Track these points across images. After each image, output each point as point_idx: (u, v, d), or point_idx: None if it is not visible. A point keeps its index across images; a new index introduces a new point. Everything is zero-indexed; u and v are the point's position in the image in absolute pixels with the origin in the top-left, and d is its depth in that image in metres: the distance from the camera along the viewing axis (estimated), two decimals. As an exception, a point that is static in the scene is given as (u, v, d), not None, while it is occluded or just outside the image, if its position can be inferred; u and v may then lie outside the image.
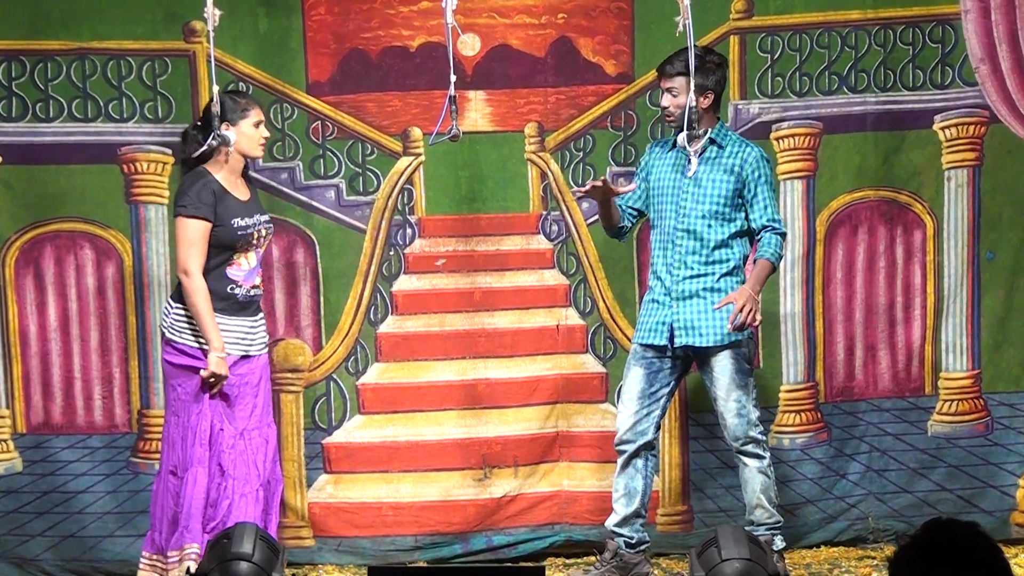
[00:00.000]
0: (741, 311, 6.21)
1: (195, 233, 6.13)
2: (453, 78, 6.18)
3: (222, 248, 6.17)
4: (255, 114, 6.23)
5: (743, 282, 6.40)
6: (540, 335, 7.13)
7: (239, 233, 6.18)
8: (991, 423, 7.28)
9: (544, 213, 7.12)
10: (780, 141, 7.12)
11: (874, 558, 6.95)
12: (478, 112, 7.04)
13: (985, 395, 7.28)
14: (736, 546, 4.58)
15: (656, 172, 6.48)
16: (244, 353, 6.25)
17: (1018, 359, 7.28)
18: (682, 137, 6.27)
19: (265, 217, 6.32)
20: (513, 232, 7.11)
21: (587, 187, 6.36)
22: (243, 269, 6.22)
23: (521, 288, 7.13)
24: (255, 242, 6.25)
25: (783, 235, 6.39)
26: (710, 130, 6.38)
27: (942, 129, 7.17)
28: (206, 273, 6.15)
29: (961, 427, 7.27)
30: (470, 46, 7.03)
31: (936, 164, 7.19)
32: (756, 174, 6.36)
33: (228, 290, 6.19)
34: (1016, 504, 7.23)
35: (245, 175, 6.34)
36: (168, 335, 6.20)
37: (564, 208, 7.11)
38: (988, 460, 7.25)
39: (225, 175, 6.23)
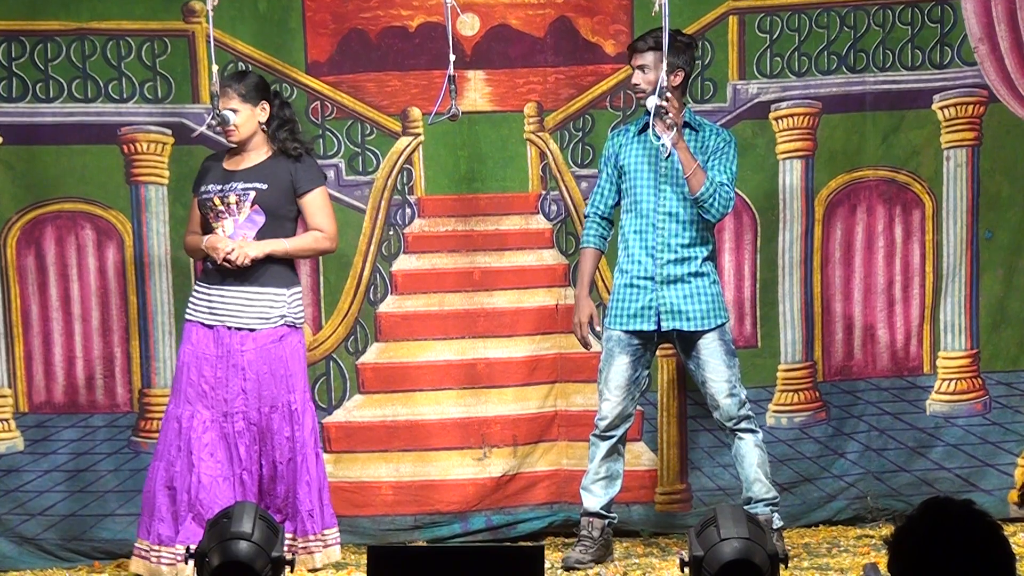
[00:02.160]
0: (669, 115, 6.14)
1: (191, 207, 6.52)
2: (452, 58, 6.19)
3: (202, 216, 6.41)
4: None
5: (715, 268, 6.48)
6: (539, 315, 7.14)
7: (200, 199, 6.40)
8: (989, 402, 7.30)
9: (543, 193, 7.13)
10: (779, 121, 7.12)
11: (872, 537, 6.96)
12: (477, 92, 7.04)
13: (983, 374, 7.29)
14: (735, 525, 4.58)
15: (628, 157, 6.49)
16: (219, 323, 6.32)
17: (1016, 338, 7.30)
18: (651, 100, 6.19)
19: (244, 184, 6.35)
20: (512, 212, 7.12)
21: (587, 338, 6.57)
22: (218, 236, 6.35)
23: (520, 268, 7.14)
24: (221, 207, 6.31)
25: (730, 199, 6.36)
26: (684, 114, 6.39)
27: (941, 109, 7.17)
28: None
29: (959, 406, 7.29)
30: (469, 26, 7.03)
31: (935, 144, 7.20)
32: (722, 150, 6.39)
33: (206, 257, 6.41)
34: (1014, 483, 7.24)
35: (285, 146, 6.40)
36: None
37: (563, 188, 7.11)
38: (986, 439, 7.27)
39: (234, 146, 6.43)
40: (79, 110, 6.87)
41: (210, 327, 6.31)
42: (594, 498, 6.55)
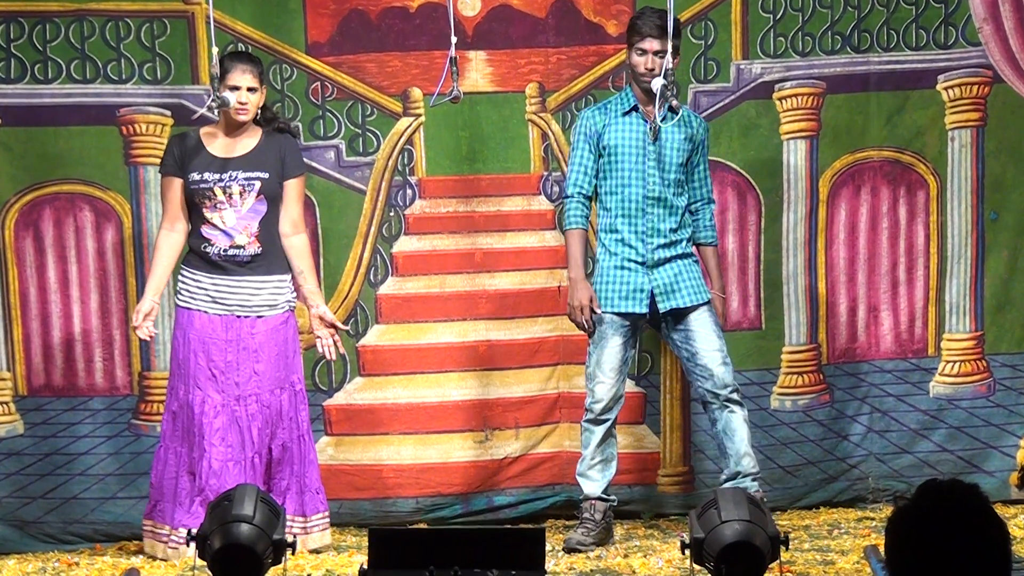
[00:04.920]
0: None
1: (162, 188, 6.46)
2: (454, 39, 6.16)
3: (190, 204, 6.36)
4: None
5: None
6: (541, 296, 7.12)
7: (191, 187, 6.32)
8: (993, 384, 7.28)
9: (545, 174, 7.11)
10: (783, 101, 7.10)
11: (873, 519, 6.95)
12: (479, 73, 7.02)
13: (988, 356, 7.28)
14: (736, 508, 4.57)
15: (614, 139, 6.48)
16: (228, 312, 6.31)
17: (1021, 320, 7.28)
18: (657, 82, 6.27)
19: (246, 174, 6.34)
20: (514, 193, 7.10)
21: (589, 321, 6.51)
22: (217, 227, 6.32)
23: (522, 249, 7.12)
24: (222, 198, 6.30)
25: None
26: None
27: (945, 89, 7.15)
28: (192, 228, 6.36)
29: (963, 388, 7.27)
30: (470, 6, 7.00)
31: (939, 124, 7.18)
32: (706, 143, 6.57)
33: (201, 248, 6.34)
34: (1016, 465, 7.23)
35: (279, 128, 6.44)
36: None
37: (565, 169, 7.08)
38: (990, 421, 7.26)
39: (220, 130, 6.38)
40: (78, 91, 6.85)
41: (216, 315, 6.32)
42: (592, 483, 6.55)
